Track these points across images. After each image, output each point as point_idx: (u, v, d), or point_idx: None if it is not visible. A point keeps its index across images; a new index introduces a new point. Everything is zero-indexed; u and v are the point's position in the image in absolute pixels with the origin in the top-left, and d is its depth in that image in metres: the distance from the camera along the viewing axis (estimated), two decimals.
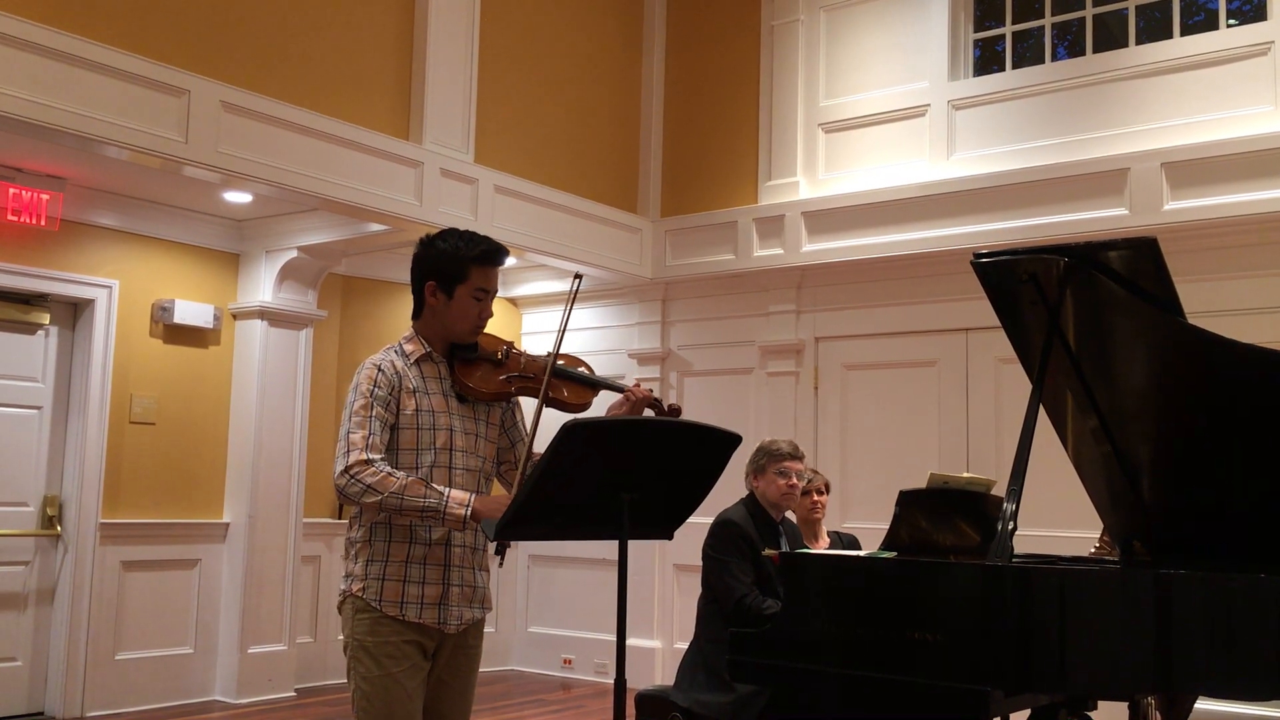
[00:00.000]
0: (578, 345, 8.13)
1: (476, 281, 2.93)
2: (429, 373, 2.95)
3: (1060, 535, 5.64)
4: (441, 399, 2.93)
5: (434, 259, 2.95)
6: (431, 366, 2.96)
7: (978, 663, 2.78)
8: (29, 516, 6.28)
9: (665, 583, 7.75)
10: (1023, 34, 7.10)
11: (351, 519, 2.94)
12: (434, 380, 2.94)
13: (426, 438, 2.87)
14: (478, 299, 2.94)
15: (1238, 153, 5.89)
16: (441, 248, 2.95)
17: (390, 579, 2.82)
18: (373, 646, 2.80)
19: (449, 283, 2.93)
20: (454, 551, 2.89)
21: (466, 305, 2.94)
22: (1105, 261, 2.85)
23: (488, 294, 2.96)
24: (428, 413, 2.88)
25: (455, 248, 2.93)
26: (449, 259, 2.93)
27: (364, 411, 2.81)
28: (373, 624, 2.81)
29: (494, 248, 2.97)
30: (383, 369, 2.87)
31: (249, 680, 6.72)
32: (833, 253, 7.20)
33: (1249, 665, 2.61)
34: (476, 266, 2.93)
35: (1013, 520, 2.87)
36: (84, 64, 5.07)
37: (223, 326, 6.98)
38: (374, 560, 2.84)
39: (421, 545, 2.85)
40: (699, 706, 4.17)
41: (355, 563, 2.88)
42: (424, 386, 2.91)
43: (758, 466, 4.44)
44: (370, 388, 2.84)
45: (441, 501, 2.75)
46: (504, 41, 7.28)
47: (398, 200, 6.32)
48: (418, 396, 2.88)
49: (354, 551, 2.90)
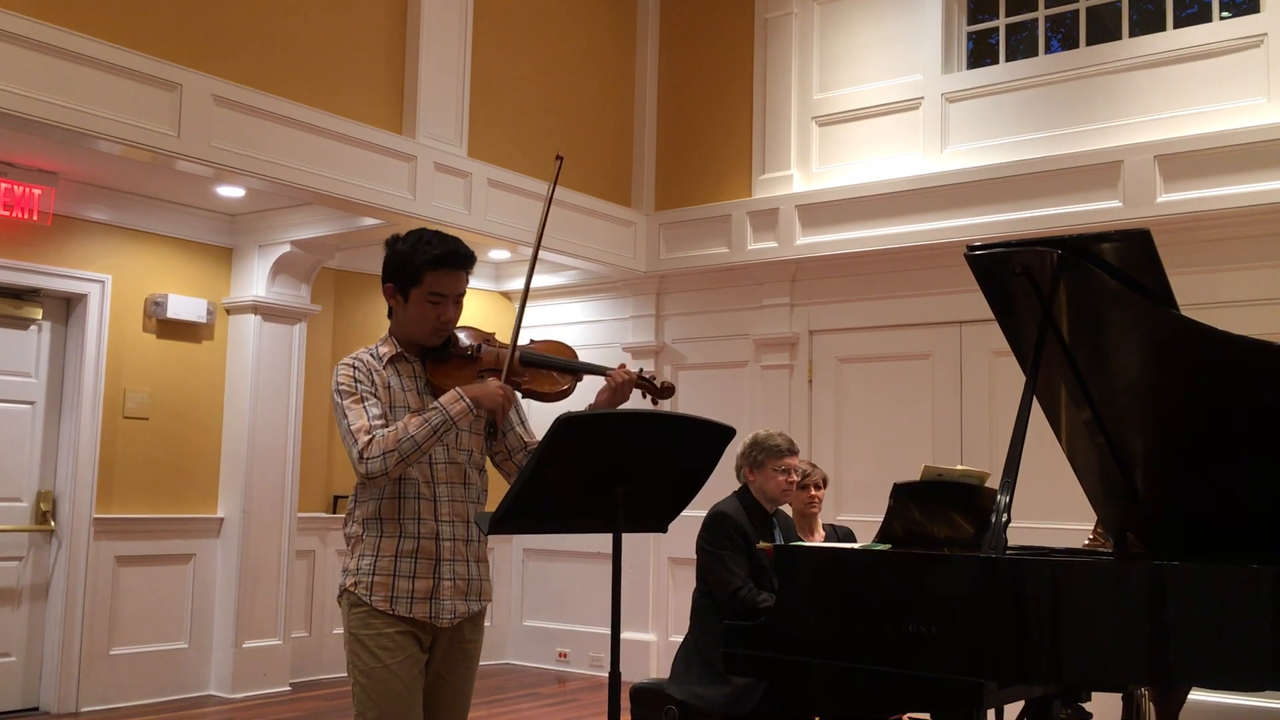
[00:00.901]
0: (572, 339, 8.10)
1: (430, 285, 2.86)
2: (403, 371, 2.93)
3: (1054, 527, 5.65)
4: (416, 396, 2.91)
5: (391, 261, 2.91)
6: (406, 365, 2.94)
7: (972, 654, 2.79)
8: (22, 512, 6.27)
9: (660, 576, 7.75)
10: (1016, 27, 7.10)
11: (348, 514, 2.93)
12: (409, 379, 2.93)
13: None
14: (433, 303, 2.88)
15: (1231, 145, 5.90)
16: (399, 249, 2.90)
17: (380, 573, 2.82)
18: (367, 639, 2.80)
19: (404, 285, 2.89)
20: (444, 545, 2.87)
21: (421, 309, 2.88)
22: (1099, 254, 2.86)
23: (445, 298, 2.88)
24: (403, 409, 2.87)
25: (410, 249, 2.87)
26: (402, 261, 2.88)
27: (356, 404, 2.80)
28: (366, 617, 2.81)
29: (448, 251, 2.87)
30: (356, 366, 2.87)
31: (244, 675, 6.72)
32: (827, 246, 7.20)
33: (1242, 656, 2.62)
34: (430, 270, 2.85)
35: (1007, 512, 2.88)
36: (76, 58, 5.05)
37: (216, 321, 6.97)
38: (365, 555, 2.84)
39: (411, 539, 2.83)
40: (694, 699, 4.18)
41: (350, 557, 2.89)
42: (400, 384, 2.91)
43: (754, 461, 4.42)
44: (352, 383, 2.84)
45: (440, 413, 2.76)
46: (497, 35, 7.27)
47: (391, 194, 6.30)
48: (392, 394, 2.88)
49: (350, 545, 2.91)
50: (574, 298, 8.50)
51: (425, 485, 2.86)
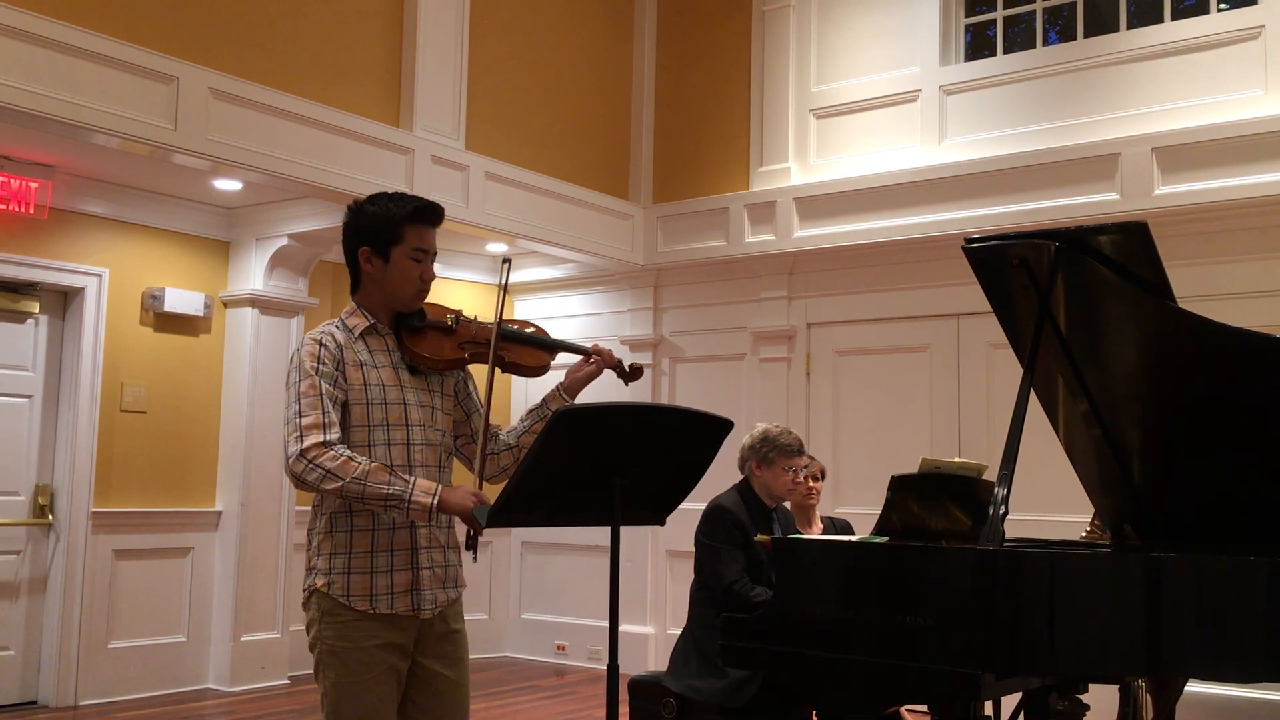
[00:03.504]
0: (571, 331, 8.13)
1: (412, 241, 2.79)
2: (375, 345, 2.80)
3: (1051, 519, 5.66)
4: (391, 371, 2.78)
5: (366, 223, 2.81)
6: (378, 339, 2.81)
7: (969, 646, 2.79)
8: (20, 505, 6.27)
9: (658, 568, 7.76)
10: (1014, 19, 7.09)
11: (314, 508, 2.77)
12: (382, 353, 2.80)
13: (379, 413, 2.73)
14: (416, 260, 2.80)
15: (1228, 137, 5.90)
16: (371, 211, 2.81)
17: (356, 571, 2.68)
18: (343, 652, 2.66)
19: (383, 246, 2.79)
20: (420, 533, 2.74)
21: (405, 267, 2.79)
22: (1096, 246, 2.85)
23: (426, 254, 2.82)
24: (378, 386, 2.74)
25: (386, 209, 2.80)
26: (381, 220, 2.79)
27: (312, 391, 2.64)
28: (342, 628, 2.67)
29: (426, 205, 2.84)
30: (324, 343, 2.71)
31: (242, 668, 6.73)
32: (824, 238, 7.20)
33: (1239, 647, 2.63)
34: (411, 225, 2.79)
35: (1004, 505, 2.88)
36: (72, 51, 5.04)
37: (213, 314, 6.96)
38: (337, 552, 2.69)
39: (385, 531, 2.70)
40: (692, 692, 4.19)
41: (318, 556, 2.72)
42: (371, 360, 2.76)
43: (763, 457, 4.37)
44: (315, 365, 2.68)
45: (407, 490, 2.59)
46: (495, 27, 7.26)
47: (388, 187, 6.15)
48: (365, 370, 2.74)
49: (316, 543, 2.74)
50: (571, 291, 8.50)
51: (402, 468, 2.72)
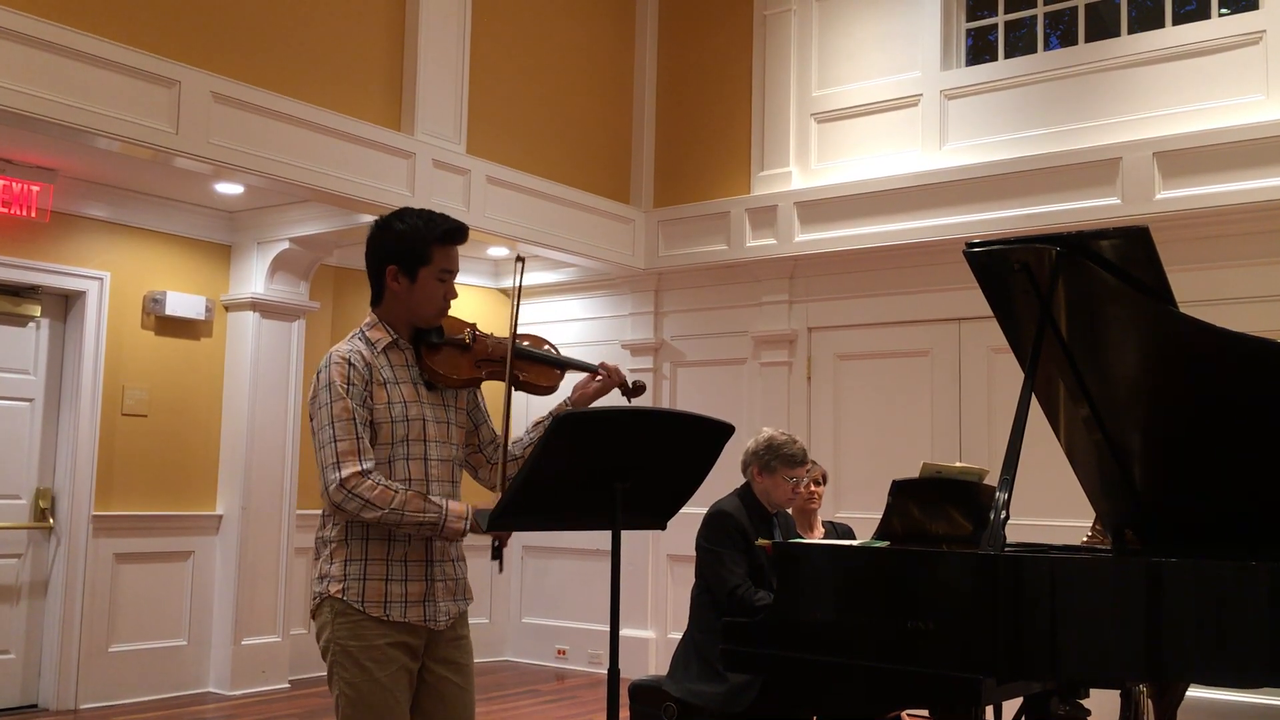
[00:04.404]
0: (571, 336, 8.13)
1: (440, 263, 2.82)
2: (396, 360, 2.83)
3: (1052, 524, 5.66)
4: (411, 388, 2.82)
5: (394, 241, 2.83)
6: (399, 354, 2.85)
7: (970, 651, 2.79)
8: (21, 509, 6.27)
9: (659, 573, 7.75)
10: (1015, 23, 7.10)
11: (324, 517, 2.80)
12: (402, 368, 2.83)
13: (400, 430, 2.77)
14: (442, 280, 2.83)
15: (1230, 142, 5.89)
16: (400, 229, 2.83)
17: (372, 579, 2.72)
18: (357, 651, 2.69)
19: (412, 265, 2.81)
20: (435, 546, 2.80)
21: (431, 288, 2.83)
22: (1097, 250, 2.86)
23: (451, 274, 2.85)
24: (400, 404, 2.78)
25: (415, 228, 2.82)
26: (411, 240, 2.81)
27: (345, 415, 2.69)
28: (355, 626, 2.70)
29: (455, 226, 2.86)
30: (353, 363, 2.74)
31: (243, 672, 6.72)
32: (825, 243, 7.20)
33: (1240, 653, 2.62)
34: (439, 247, 2.82)
35: (1005, 509, 2.88)
36: (74, 55, 5.05)
37: (214, 318, 6.96)
38: (352, 560, 2.72)
39: (401, 543, 2.75)
40: (692, 696, 4.18)
41: (331, 563, 2.75)
42: (393, 375, 2.80)
43: (766, 464, 4.35)
44: (345, 386, 2.71)
45: (441, 515, 2.69)
46: (496, 31, 7.27)
47: (390, 191, 6.30)
48: (389, 388, 2.77)
49: (328, 551, 2.77)
50: (572, 295, 8.50)
51: (419, 484, 2.78)
